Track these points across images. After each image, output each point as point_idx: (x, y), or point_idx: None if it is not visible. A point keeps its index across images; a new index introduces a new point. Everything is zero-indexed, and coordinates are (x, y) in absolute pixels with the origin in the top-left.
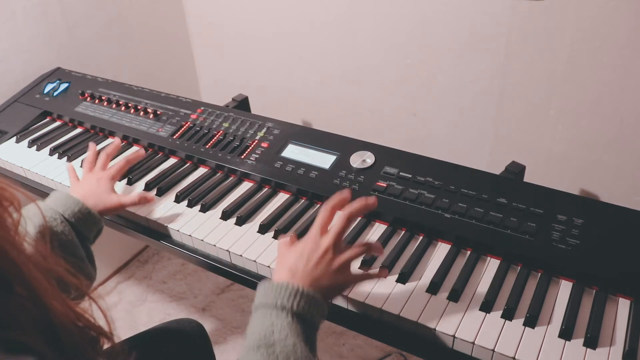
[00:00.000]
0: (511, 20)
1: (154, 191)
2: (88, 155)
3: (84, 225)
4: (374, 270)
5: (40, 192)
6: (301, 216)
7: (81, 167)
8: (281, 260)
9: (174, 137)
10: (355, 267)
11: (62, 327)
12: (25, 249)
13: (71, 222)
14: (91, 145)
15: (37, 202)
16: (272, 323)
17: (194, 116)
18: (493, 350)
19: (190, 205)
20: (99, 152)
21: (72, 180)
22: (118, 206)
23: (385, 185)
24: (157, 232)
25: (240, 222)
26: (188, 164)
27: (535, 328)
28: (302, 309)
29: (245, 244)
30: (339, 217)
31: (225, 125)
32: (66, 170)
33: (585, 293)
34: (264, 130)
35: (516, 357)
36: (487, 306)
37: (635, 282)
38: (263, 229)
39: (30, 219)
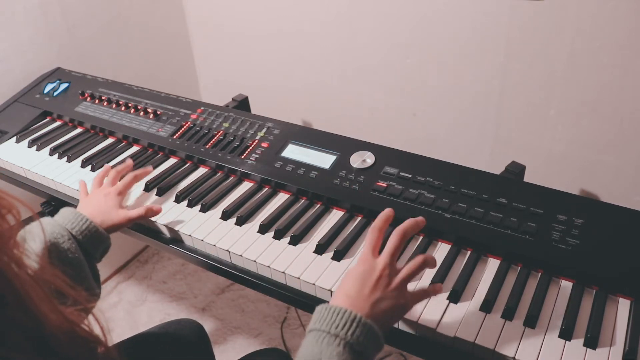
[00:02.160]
0: (511, 20)
1: (154, 191)
2: (99, 172)
3: (91, 243)
4: (430, 286)
5: (41, 192)
6: (301, 216)
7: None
8: (341, 284)
9: (174, 137)
10: None
11: (55, 337)
12: (22, 259)
13: (78, 239)
14: (105, 165)
15: (41, 220)
16: (321, 351)
17: (194, 116)
18: (493, 350)
19: (190, 205)
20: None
21: (81, 196)
22: (125, 221)
23: (385, 185)
24: (157, 232)
25: (240, 222)
26: (188, 164)
27: (535, 328)
28: (356, 339)
29: (245, 244)
30: (393, 234)
31: (225, 125)
32: (78, 185)
33: (585, 293)
34: (264, 130)
35: (516, 357)
36: (487, 306)
37: (635, 282)
38: (263, 229)
39: (37, 234)
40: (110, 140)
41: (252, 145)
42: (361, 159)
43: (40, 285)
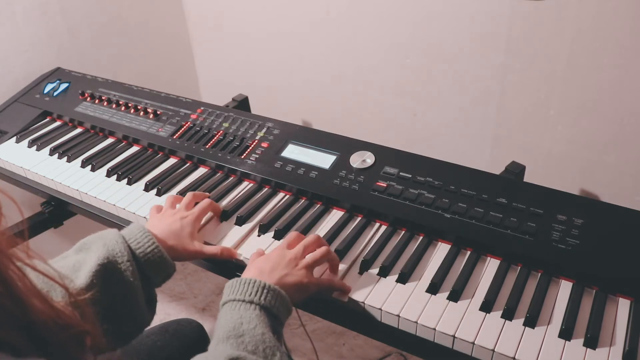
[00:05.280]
0: (511, 20)
1: (154, 191)
2: (175, 195)
3: (153, 268)
4: (340, 281)
5: (41, 192)
6: (301, 216)
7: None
8: (250, 264)
9: (174, 137)
10: (355, 269)
11: (42, 324)
12: (4, 246)
13: (139, 261)
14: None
15: (105, 232)
16: (241, 315)
17: (194, 116)
18: (493, 350)
19: None
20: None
21: (152, 212)
22: (197, 254)
23: (385, 185)
24: None
25: (240, 222)
26: (188, 164)
27: (535, 328)
28: (269, 302)
29: (245, 244)
30: (318, 239)
31: (225, 125)
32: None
33: (585, 293)
34: (264, 130)
35: (516, 357)
36: (487, 306)
37: (635, 282)
38: (263, 229)
39: (95, 250)
40: (110, 140)
41: (252, 145)
42: (361, 159)
43: (27, 275)
